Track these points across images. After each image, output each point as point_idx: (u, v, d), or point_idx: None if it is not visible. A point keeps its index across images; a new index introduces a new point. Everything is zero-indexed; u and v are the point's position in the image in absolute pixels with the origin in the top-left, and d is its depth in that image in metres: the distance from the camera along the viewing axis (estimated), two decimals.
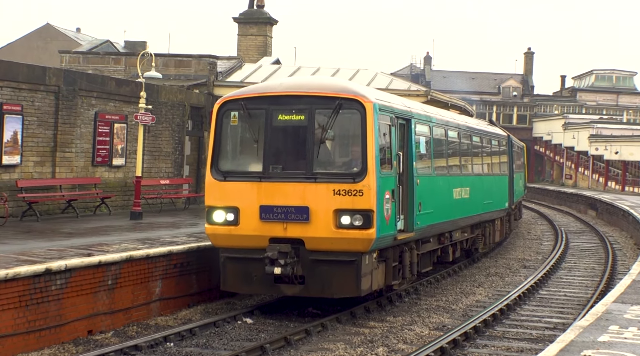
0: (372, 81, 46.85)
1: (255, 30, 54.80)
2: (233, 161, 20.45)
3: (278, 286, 19.44)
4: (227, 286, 20.04)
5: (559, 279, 28.89)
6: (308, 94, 19.47)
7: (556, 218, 58.02)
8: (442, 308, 22.57)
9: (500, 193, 34.80)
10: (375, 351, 17.37)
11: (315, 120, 19.19)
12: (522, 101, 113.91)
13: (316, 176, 18.97)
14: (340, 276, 18.99)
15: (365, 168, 18.72)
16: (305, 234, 18.94)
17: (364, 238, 18.71)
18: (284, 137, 19.70)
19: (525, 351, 17.68)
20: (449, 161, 26.30)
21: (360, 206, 18.60)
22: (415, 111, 22.58)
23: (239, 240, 19.44)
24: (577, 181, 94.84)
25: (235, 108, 19.92)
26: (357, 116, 18.97)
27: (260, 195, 19.20)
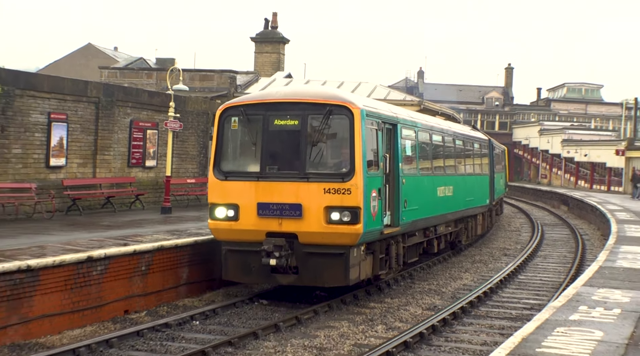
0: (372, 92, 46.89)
1: (269, 48, 54.90)
2: (233, 162, 19.98)
3: (274, 276, 19.05)
4: (228, 276, 19.63)
5: (535, 266, 28.85)
6: (301, 101, 19.12)
7: (533, 212, 57.89)
8: (433, 291, 22.55)
9: (481, 191, 34.44)
10: (375, 329, 17.39)
11: (308, 125, 18.87)
12: (503, 110, 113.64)
13: (308, 176, 18.61)
14: (330, 267, 18.57)
15: (353, 169, 18.33)
16: (299, 228, 18.55)
17: (351, 233, 18.29)
18: (279, 141, 19.22)
19: (506, 328, 17.67)
20: (433, 162, 25.88)
21: (348, 203, 18.24)
22: (401, 117, 22.13)
23: (238, 234, 19.07)
24: (551, 180, 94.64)
25: (235, 114, 19.60)
26: (346, 121, 18.60)
27: (257, 193, 18.86)
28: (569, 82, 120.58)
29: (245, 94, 42.21)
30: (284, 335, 16.48)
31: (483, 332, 17.39)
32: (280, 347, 15.43)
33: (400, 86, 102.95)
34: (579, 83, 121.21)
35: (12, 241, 19.36)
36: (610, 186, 75.99)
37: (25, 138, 26.87)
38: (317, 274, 18.68)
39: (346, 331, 16.98)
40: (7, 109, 25.94)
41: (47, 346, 15.20)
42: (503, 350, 11.06)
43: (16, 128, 26.40)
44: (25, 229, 22.40)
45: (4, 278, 15.20)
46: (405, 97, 50.66)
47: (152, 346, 15.37)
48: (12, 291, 15.41)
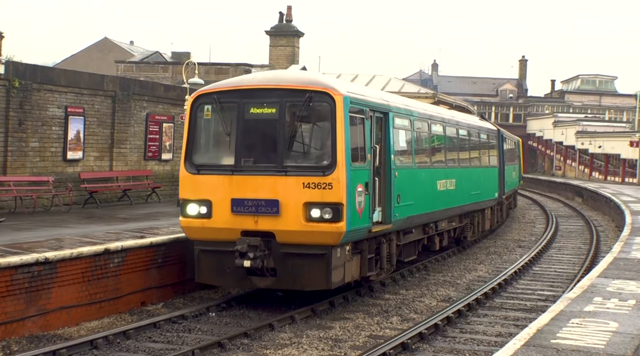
0: (386, 85, 46.84)
1: (284, 41, 54.89)
2: (206, 154, 18.31)
3: (250, 278, 17.44)
4: (201, 278, 18.05)
5: (550, 257, 28.77)
6: (279, 87, 17.37)
7: (547, 204, 57.74)
8: (448, 283, 22.52)
9: (489, 183, 32.37)
10: (390, 320, 17.37)
11: (286, 113, 17.14)
12: (517, 102, 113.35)
13: (286, 169, 16.92)
14: (310, 269, 16.95)
15: (335, 161, 16.62)
16: (276, 227, 16.89)
17: (333, 231, 16.62)
18: (255, 131, 17.58)
19: (521, 320, 17.62)
20: (432, 153, 23.94)
21: (330, 199, 16.58)
22: (393, 105, 20.18)
23: (211, 233, 17.44)
24: (566, 172, 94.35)
25: (208, 102, 17.91)
26: (327, 109, 16.85)
27: (232, 188, 17.19)
28: (583, 74, 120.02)
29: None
30: (299, 327, 16.48)
31: (498, 323, 17.35)
32: (295, 338, 15.44)
33: (415, 79, 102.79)
34: (593, 75, 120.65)
35: (30, 234, 19.43)
36: (625, 178, 75.72)
37: (43, 132, 26.97)
38: (297, 277, 17.11)
39: (361, 323, 16.98)
40: (24, 103, 26.03)
41: (64, 338, 15.26)
42: (518, 341, 11.04)
43: (34, 122, 26.51)
44: (43, 222, 22.47)
45: (22, 271, 15.26)
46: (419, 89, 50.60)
47: (169, 338, 15.40)
48: (31, 283, 15.47)
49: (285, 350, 14.56)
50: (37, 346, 14.53)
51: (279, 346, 14.79)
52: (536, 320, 12.78)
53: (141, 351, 14.45)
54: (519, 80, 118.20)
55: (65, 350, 13.89)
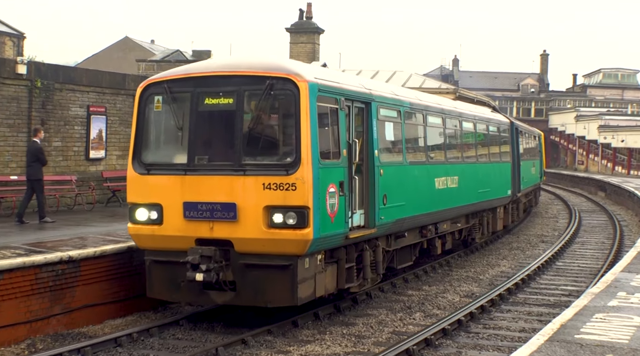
0: (407, 80, 46.78)
1: (304, 38, 54.92)
2: (157, 152, 16.25)
3: (207, 293, 15.31)
4: (153, 292, 15.94)
5: (573, 252, 28.65)
6: (236, 74, 15.24)
7: (570, 198, 57.49)
8: (471, 278, 22.48)
9: (500, 180, 29.73)
10: (413, 316, 17.36)
11: (245, 103, 15.06)
12: (539, 96, 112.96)
13: (245, 168, 14.75)
14: (274, 282, 14.83)
15: (299, 158, 14.45)
16: (234, 234, 14.80)
17: (298, 239, 14.44)
18: (211, 124, 15.62)
19: (544, 315, 17.57)
20: (429, 148, 21.50)
21: (293, 202, 14.41)
22: (377, 94, 17.90)
23: (163, 241, 15.40)
24: (588, 166, 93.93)
25: (159, 92, 15.81)
26: (291, 98, 14.71)
27: (184, 190, 15.12)
28: (604, 68, 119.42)
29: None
30: (322, 323, 16.49)
31: (521, 319, 17.30)
32: (319, 335, 15.45)
33: (436, 74, 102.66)
34: (614, 69, 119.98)
35: (54, 233, 19.56)
36: None
37: (65, 131, 27.14)
38: (259, 292, 14.96)
39: (384, 319, 16.97)
40: (47, 103, 26.20)
41: (89, 336, 15.35)
42: (542, 337, 11.01)
43: (56, 121, 26.68)
44: (66, 220, 22.60)
45: (47, 269, 15.37)
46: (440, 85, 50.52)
47: (193, 336, 15.45)
48: (55, 281, 15.57)
49: (309, 346, 14.58)
50: (62, 344, 14.63)
51: (302, 343, 14.81)
52: (560, 315, 12.73)
53: (165, 349, 14.52)
54: (540, 74, 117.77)
55: (89, 348, 13.97)
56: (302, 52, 54.17)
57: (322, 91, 15.10)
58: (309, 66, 16.65)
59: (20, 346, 14.53)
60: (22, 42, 72.53)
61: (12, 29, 72.18)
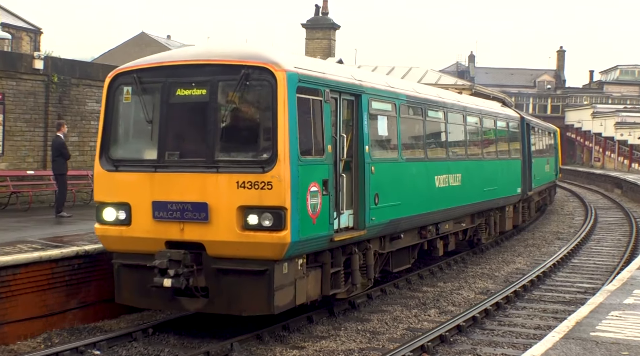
0: (423, 76, 46.77)
1: (320, 34, 54.95)
2: (125, 147, 15.03)
3: (178, 300, 14.12)
4: (121, 298, 14.78)
5: (589, 250, 28.57)
6: (209, 63, 14.04)
7: (586, 195, 57.30)
8: (486, 275, 22.45)
9: (509, 178, 28.33)
10: (428, 313, 17.36)
11: (219, 95, 13.87)
12: (555, 93, 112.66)
13: (218, 164, 13.58)
14: (248, 289, 13.62)
15: (275, 154, 13.23)
16: (206, 237, 13.63)
17: (274, 242, 13.25)
18: (182, 117, 14.38)
19: (560, 312, 17.53)
20: (428, 144, 20.28)
21: (269, 202, 13.22)
22: (368, 86, 16.63)
23: (131, 243, 14.26)
24: (605, 163, 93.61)
25: (128, 82, 14.64)
26: (267, 89, 13.47)
27: (153, 188, 13.96)
28: (621, 65, 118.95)
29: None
30: (337, 319, 16.50)
31: (536, 316, 17.27)
32: (333, 331, 15.47)
33: (452, 71, 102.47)
34: (632, 65, 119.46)
35: (71, 227, 19.65)
36: None
37: (82, 126, 27.26)
38: (233, 299, 13.78)
39: (399, 315, 16.98)
40: (63, 98, 26.33)
41: (104, 330, 15.40)
42: (557, 334, 10.99)
43: (73, 116, 26.79)
44: (83, 215, 22.68)
45: (63, 264, 15.44)
46: (456, 81, 50.51)
47: (209, 330, 15.46)
48: (71, 276, 15.64)
49: (323, 342, 14.60)
50: (77, 339, 14.69)
51: (317, 339, 14.83)
52: (575, 312, 12.72)
53: (180, 345, 14.55)
54: (556, 71, 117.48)
55: (105, 342, 14.03)
56: (317, 48, 54.19)
57: (303, 82, 13.90)
58: (290, 54, 15.26)
59: (37, 340, 14.62)
60: (39, 38, 72.85)
61: (29, 24, 72.48)
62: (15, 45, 63.02)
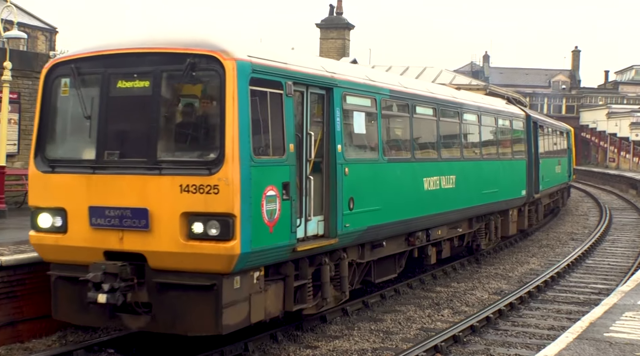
0: (437, 76, 46.80)
1: (334, 34, 55.00)
2: (63, 146, 13.43)
3: (119, 316, 12.49)
4: (58, 314, 13.18)
5: (603, 250, 28.51)
6: (152, 51, 12.47)
7: (601, 196, 57.14)
8: (500, 276, 22.45)
9: (512, 179, 26.63)
10: (441, 313, 17.37)
11: (163, 87, 12.35)
12: (570, 93, 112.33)
13: (160, 165, 12.06)
14: (194, 306, 12.07)
15: (223, 154, 11.71)
16: (146, 247, 12.11)
17: (222, 254, 11.71)
18: (124, 112, 12.71)
19: (574, 313, 17.52)
20: (416, 143, 18.60)
21: (216, 208, 11.70)
22: (342, 79, 14.95)
23: (68, 253, 12.71)
24: (620, 164, 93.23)
25: (66, 74, 13.01)
26: (216, 80, 12.00)
27: (90, 192, 12.44)
28: (637, 65, 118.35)
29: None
30: (351, 319, 16.54)
31: (550, 317, 17.27)
32: (347, 330, 15.51)
33: (466, 71, 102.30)
34: None
35: None
36: None
37: None
38: (177, 317, 12.20)
39: (412, 315, 17.00)
40: None
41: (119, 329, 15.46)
42: (571, 334, 11.00)
43: None
44: None
45: None
46: (470, 81, 50.50)
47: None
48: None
49: (337, 342, 14.64)
50: (92, 337, 14.76)
51: (330, 338, 14.87)
52: (589, 313, 12.72)
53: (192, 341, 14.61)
54: (571, 71, 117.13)
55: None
56: (332, 48, 54.24)
57: (258, 72, 12.35)
58: (245, 41, 13.57)
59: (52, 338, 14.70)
60: (54, 37, 73.14)
61: (44, 24, 72.79)
62: (30, 45, 63.28)
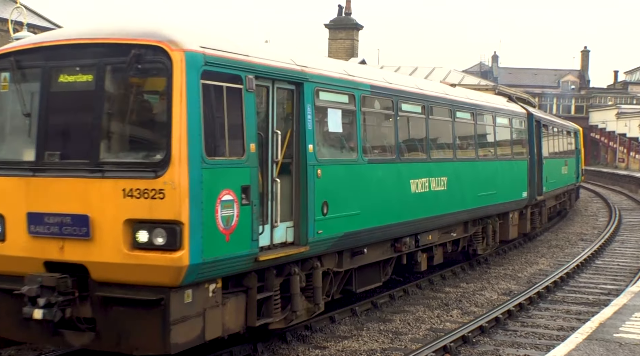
0: (446, 76, 46.81)
1: (343, 34, 54.98)
2: (2, 146, 12.20)
3: (62, 333, 11.28)
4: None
5: (612, 251, 28.45)
6: (95, 42, 11.28)
7: (610, 196, 57.03)
8: (509, 276, 22.43)
9: (512, 181, 25.15)
10: (450, 313, 17.37)
11: (106, 82, 11.14)
12: (579, 93, 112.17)
13: (103, 167, 10.90)
14: (139, 323, 10.86)
15: (169, 155, 10.55)
16: (88, 257, 10.93)
17: (168, 265, 10.54)
18: (66, 109, 11.54)
19: (583, 313, 17.49)
20: (402, 143, 17.30)
21: (162, 215, 10.56)
22: (313, 73, 13.67)
23: (6, 264, 11.57)
24: (629, 164, 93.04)
25: (5, 67, 11.90)
26: (163, 73, 10.81)
27: (29, 197, 11.31)
28: None
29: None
30: (360, 319, 16.55)
31: (560, 317, 17.24)
32: (356, 331, 15.51)
33: (475, 71, 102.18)
34: None
35: None
36: None
37: None
38: (123, 334, 11.00)
39: (422, 316, 17.00)
40: None
41: None
42: (580, 335, 11.00)
43: None
44: None
45: None
46: (479, 81, 50.48)
47: None
48: None
49: (346, 342, 14.64)
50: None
51: (339, 339, 14.87)
52: (599, 313, 12.73)
53: None
54: (581, 71, 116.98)
55: None
56: (340, 49, 54.24)
57: (212, 65, 11.18)
58: (198, 30, 12.31)
59: None
60: None
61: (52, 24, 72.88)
62: None
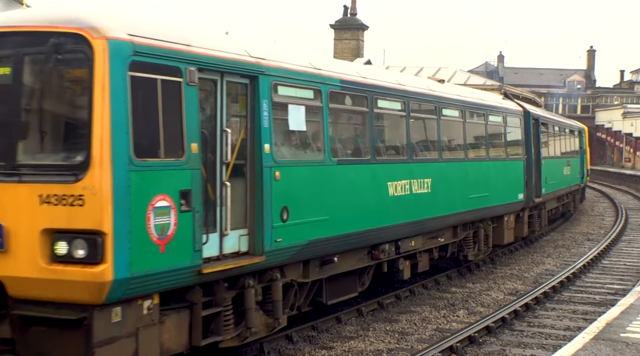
0: (452, 77, 46.77)
1: (349, 35, 55.01)
2: None
3: None
4: None
5: (619, 251, 28.41)
6: (12, 30, 10.08)
7: (617, 196, 56.95)
8: (515, 276, 22.41)
9: (507, 182, 23.64)
10: (456, 314, 17.36)
11: (24, 74, 9.98)
12: (585, 93, 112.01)
13: (20, 170, 9.73)
14: (61, 345, 9.67)
15: (89, 157, 9.33)
16: (4, 271, 9.75)
17: (89, 281, 9.31)
18: None
19: (590, 313, 17.46)
20: (379, 142, 16.19)
21: (81, 224, 9.33)
22: (272, 65, 12.46)
23: None
24: (635, 164, 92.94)
25: None
26: (84, 64, 9.53)
27: None
28: None
29: None
30: (366, 319, 16.55)
31: (566, 317, 17.22)
32: (362, 331, 15.51)
33: (481, 71, 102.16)
34: None
35: None
36: None
37: None
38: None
39: (428, 316, 16.99)
40: None
41: None
42: (587, 335, 10.99)
43: None
44: None
45: None
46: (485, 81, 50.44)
47: None
48: None
49: (352, 342, 14.64)
50: None
51: (345, 339, 14.87)
52: (605, 313, 12.72)
53: None
54: (587, 71, 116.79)
55: None
56: (346, 49, 54.26)
57: (142, 55, 9.89)
58: (127, 14, 10.95)
59: None
60: None
61: None
62: None
